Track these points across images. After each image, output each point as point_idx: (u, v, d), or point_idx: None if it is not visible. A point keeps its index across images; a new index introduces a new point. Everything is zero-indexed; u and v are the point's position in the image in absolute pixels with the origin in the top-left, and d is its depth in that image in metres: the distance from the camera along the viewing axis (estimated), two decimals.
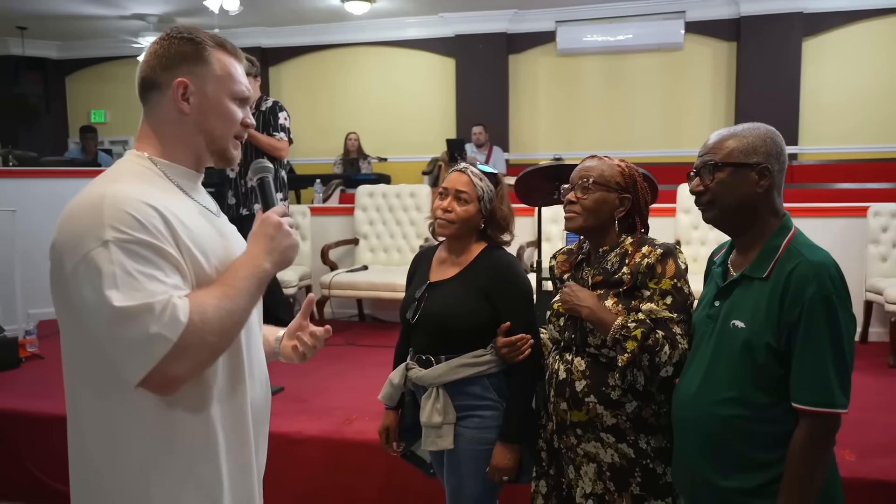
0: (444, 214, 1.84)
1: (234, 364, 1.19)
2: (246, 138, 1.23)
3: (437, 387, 1.83)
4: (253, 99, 3.84)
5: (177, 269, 1.07)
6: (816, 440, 1.31)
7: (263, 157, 1.22)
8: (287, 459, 2.81)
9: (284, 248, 1.19)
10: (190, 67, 1.19)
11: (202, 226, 1.17)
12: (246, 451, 1.21)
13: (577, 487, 1.69)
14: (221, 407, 1.16)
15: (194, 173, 1.24)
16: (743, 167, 1.41)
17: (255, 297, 1.15)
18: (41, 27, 8.63)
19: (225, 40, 1.26)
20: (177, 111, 1.19)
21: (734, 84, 7.72)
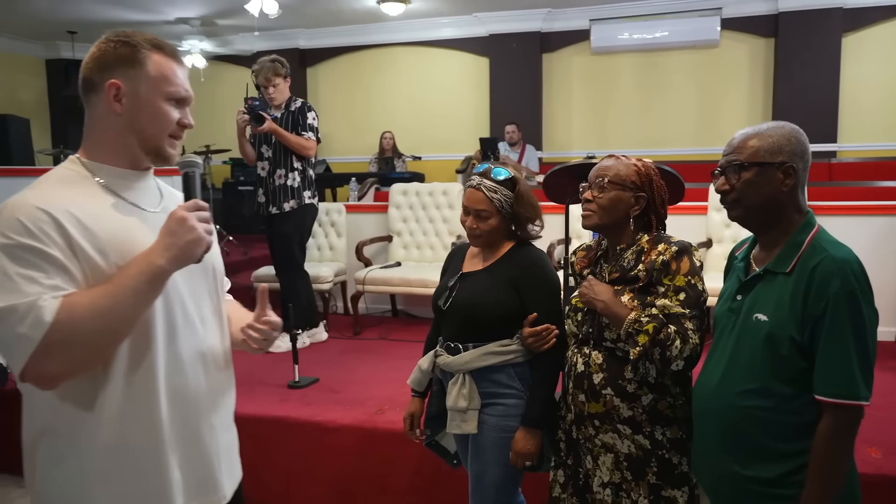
0: (471, 231, 1.95)
1: (142, 356, 1.21)
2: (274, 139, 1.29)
3: (464, 373, 1.92)
4: (282, 99, 4.01)
5: (62, 270, 1.12)
6: (840, 432, 1.33)
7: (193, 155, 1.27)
8: (321, 447, 2.93)
9: (185, 244, 1.18)
10: (124, 70, 1.24)
11: (111, 226, 1.20)
12: (155, 440, 1.23)
13: (595, 477, 1.74)
14: (119, 400, 1.19)
15: (129, 172, 1.28)
16: (768, 166, 1.43)
17: (145, 294, 1.16)
18: (90, 32, 8.96)
19: (165, 43, 1.29)
20: (110, 112, 1.24)
21: (771, 81, 7.61)
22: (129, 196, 1.28)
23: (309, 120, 4.00)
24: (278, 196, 4.01)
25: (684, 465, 1.67)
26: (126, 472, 1.22)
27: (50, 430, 1.21)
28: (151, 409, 1.23)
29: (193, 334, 1.31)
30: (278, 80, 3.98)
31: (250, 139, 4.11)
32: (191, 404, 1.30)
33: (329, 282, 4.67)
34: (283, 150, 3.99)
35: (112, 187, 1.26)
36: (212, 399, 1.35)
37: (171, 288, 1.25)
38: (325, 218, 5.07)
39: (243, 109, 3.92)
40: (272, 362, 3.81)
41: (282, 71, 3.99)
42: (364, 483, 2.88)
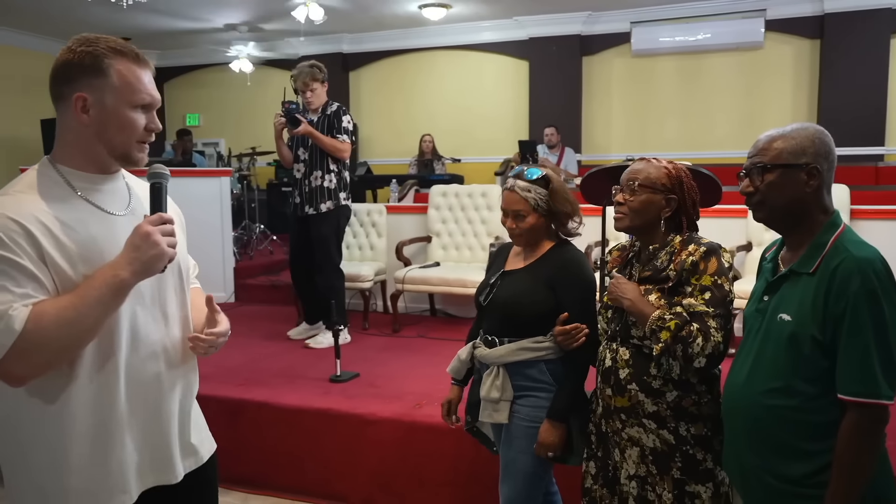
0: (511, 232, 2.05)
1: (105, 354, 1.30)
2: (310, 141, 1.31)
3: (499, 366, 2.01)
4: (319, 103, 4.16)
5: (32, 279, 1.19)
6: (863, 430, 1.34)
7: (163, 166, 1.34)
8: (361, 439, 3.04)
9: (148, 259, 1.24)
10: (89, 80, 1.27)
11: (84, 232, 1.26)
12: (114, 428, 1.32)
13: (622, 469, 1.79)
14: (82, 393, 1.28)
15: (98, 176, 1.34)
16: (792, 168, 1.44)
17: (108, 305, 1.23)
18: (144, 38, 9.29)
19: (128, 48, 1.32)
20: (78, 122, 1.29)
21: (817, 83, 7.48)
22: (98, 200, 1.33)
23: (344, 123, 4.13)
24: (315, 197, 4.14)
25: (709, 462, 1.70)
26: (91, 457, 1.31)
27: (16, 421, 1.29)
28: (112, 401, 1.32)
29: (157, 331, 1.39)
30: (315, 85, 4.12)
31: (288, 142, 4.25)
32: (150, 394, 1.39)
33: (369, 281, 4.79)
34: (320, 152, 4.13)
35: (81, 192, 1.31)
36: (171, 388, 1.43)
37: (137, 290, 1.31)
38: (366, 218, 5.20)
39: (280, 113, 4.07)
40: (315, 357, 3.95)
41: (319, 76, 4.13)
42: (402, 474, 2.97)
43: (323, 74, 4.16)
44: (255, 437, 3.21)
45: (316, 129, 4.07)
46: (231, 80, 9.63)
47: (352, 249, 5.23)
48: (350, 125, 4.17)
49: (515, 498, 2.01)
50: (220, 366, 3.78)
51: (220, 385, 3.42)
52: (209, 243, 5.66)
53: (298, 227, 4.29)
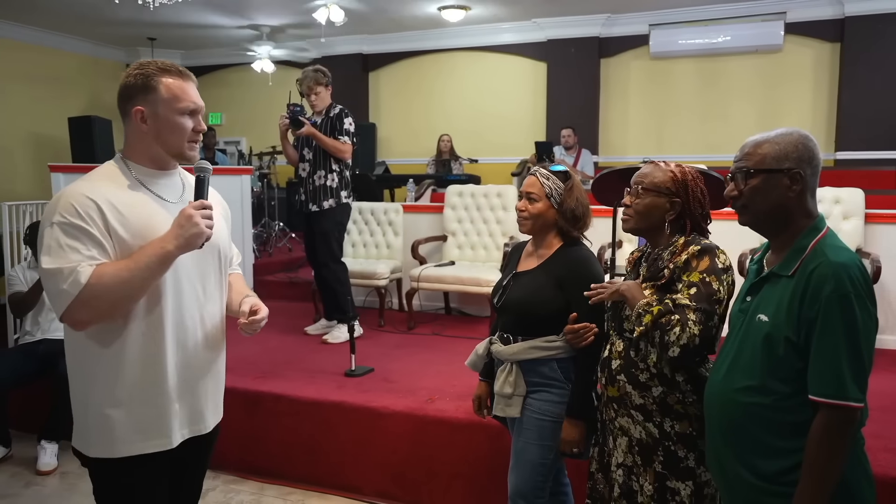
0: (519, 213, 2.13)
1: (154, 314, 1.58)
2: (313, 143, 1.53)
3: (512, 362, 2.08)
4: (323, 106, 4.36)
5: (98, 245, 1.49)
6: (832, 431, 1.36)
7: (207, 162, 1.65)
8: (374, 431, 3.12)
9: (189, 236, 1.53)
10: (144, 96, 1.59)
11: (142, 213, 1.56)
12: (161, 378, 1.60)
13: (613, 457, 1.86)
14: (135, 345, 1.56)
15: (158, 171, 1.65)
16: (775, 173, 1.47)
17: (155, 270, 1.51)
18: (168, 38, 9.46)
19: (173, 66, 1.63)
20: (139, 129, 1.60)
21: (836, 87, 7.44)
22: (156, 189, 1.63)
23: (346, 125, 4.31)
24: (318, 195, 4.32)
25: (691, 460, 1.73)
26: (137, 400, 1.58)
27: (82, 359, 1.59)
28: (159, 354, 1.60)
29: (196, 301, 1.67)
30: (319, 89, 4.32)
31: (294, 143, 4.45)
32: (189, 354, 1.66)
33: (385, 278, 4.87)
34: (323, 153, 4.32)
35: (143, 182, 1.62)
36: (207, 353, 1.71)
37: (182, 265, 1.60)
38: (382, 217, 5.28)
39: (285, 115, 4.28)
40: (330, 352, 4.04)
41: (323, 80, 4.32)
42: (413, 466, 3.05)
43: (327, 79, 4.35)
44: (271, 429, 3.30)
45: (319, 130, 4.26)
46: (253, 79, 9.77)
47: (368, 247, 5.31)
48: (351, 127, 4.34)
49: (523, 486, 2.08)
50: (239, 359, 3.88)
51: (239, 377, 3.52)
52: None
53: (307, 225, 4.46)
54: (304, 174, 4.38)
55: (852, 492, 1.42)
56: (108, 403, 1.57)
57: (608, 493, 1.88)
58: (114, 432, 1.57)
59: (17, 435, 3.68)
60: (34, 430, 3.60)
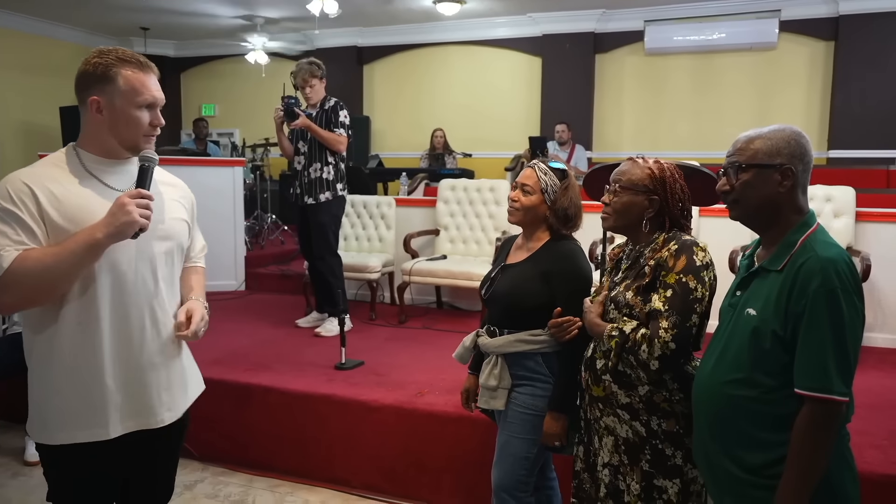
0: (511, 204, 2.12)
1: (89, 301, 1.55)
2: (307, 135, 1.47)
3: (497, 355, 2.08)
4: (317, 98, 4.33)
5: (27, 230, 1.48)
6: (816, 424, 1.37)
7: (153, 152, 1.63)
8: (364, 425, 3.11)
9: (120, 224, 1.49)
10: (101, 86, 1.54)
11: (79, 200, 1.53)
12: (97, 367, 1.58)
13: (598, 456, 1.84)
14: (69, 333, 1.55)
15: (110, 160, 1.61)
16: (766, 168, 1.47)
17: (83, 258, 1.48)
18: (161, 28, 9.40)
19: (134, 57, 1.58)
20: (95, 119, 1.57)
21: (830, 85, 7.47)
22: (106, 179, 1.60)
23: (341, 118, 4.29)
24: (314, 188, 4.31)
25: (678, 458, 1.72)
26: (73, 388, 1.57)
27: (28, 352, 1.60)
28: (95, 344, 1.57)
29: (144, 291, 1.63)
30: (314, 81, 4.30)
31: (289, 135, 4.43)
32: (135, 345, 1.62)
33: (377, 272, 4.86)
34: (318, 145, 4.30)
35: (93, 172, 1.59)
36: (157, 345, 1.66)
37: (125, 253, 1.58)
38: (375, 210, 5.27)
39: (280, 107, 4.26)
40: (321, 345, 4.03)
41: (317, 73, 4.31)
42: (403, 460, 3.04)
43: (321, 71, 4.34)
44: (261, 421, 3.29)
45: (315, 123, 4.24)
46: (246, 71, 9.72)
47: (360, 241, 5.30)
48: (347, 120, 4.33)
49: (506, 480, 2.08)
50: (229, 351, 3.88)
51: (229, 370, 3.51)
52: (221, 232, 5.75)
53: (301, 218, 4.44)
54: (299, 167, 4.37)
55: (835, 487, 1.43)
56: (45, 389, 1.58)
57: (594, 492, 1.87)
58: (50, 419, 1.58)
59: (4, 426, 3.67)
60: (21, 421, 3.57)
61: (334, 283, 4.34)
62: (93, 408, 1.58)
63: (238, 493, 3.09)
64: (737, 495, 1.51)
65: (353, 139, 8.58)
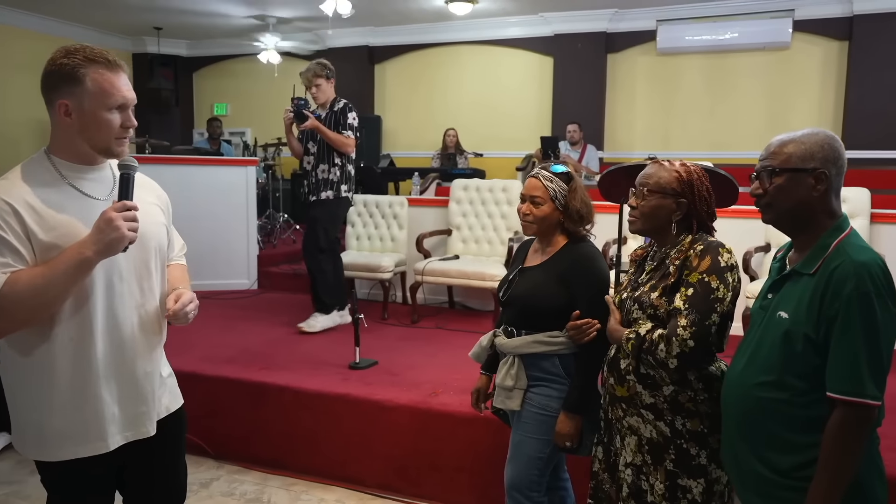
0: (524, 217, 2.13)
1: (82, 317, 1.52)
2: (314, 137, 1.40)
3: (515, 356, 2.09)
4: (325, 99, 4.34)
5: (14, 252, 1.42)
6: (848, 428, 1.37)
7: (132, 158, 1.56)
8: (378, 424, 3.13)
9: (109, 241, 1.44)
10: (69, 88, 1.48)
11: (61, 214, 1.48)
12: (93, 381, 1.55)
13: (621, 456, 1.85)
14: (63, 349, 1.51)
15: (85, 166, 1.56)
16: (800, 172, 1.48)
17: (73, 276, 1.44)
18: (174, 28, 9.46)
19: (101, 56, 1.50)
20: (64, 122, 1.51)
21: (844, 85, 7.41)
22: (82, 186, 1.54)
23: (349, 120, 4.32)
24: (318, 186, 4.38)
25: (702, 458, 1.72)
26: (71, 406, 1.54)
27: (10, 368, 1.56)
28: (90, 360, 1.54)
29: (132, 301, 1.61)
30: (321, 81, 4.32)
31: (299, 136, 4.47)
32: (127, 355, 1.60)
33: (389, 271, 4.88)
34: (327, 146, 4.35)
35: (68, 179, 1.54)
36: (147, 351, 1.65)
37: (114, 265, 1.54)
38: (387, 210, 5.29)
39: (290, 108, 4.29)
40: (334, 344, 4.05)
41: (323, 73, 4.34)
42: (417, 459, 3.06)
43: (328, 71, 4.37)
44: (275, 420, 3.32)
45: (323, 124, 4.28)
46: (259, 70, 9.76)
47: (373, 240, 5.32)
48: (355, 122, 4.36)
49: (518, 479, 2.09)
50: (242, 350, 3.91)
51: (243, 369, 3.54)
52: (234, 231, 5.79)
53: (309, 211, 4.52)
54: (308, 167, 4.42)
55: (865, 489, 1.43)
56: (38, 410, 1.53)
57: (615, 493, 1.87)
58: (45, 437, 1.54)
59: None
60: None
61: (320, 280, 4.41)
62: (91, 422, 1.56)
63: (253, 492, 3.12)
64: (765, 496, 1.52)
65: (365, 139, 8.59)
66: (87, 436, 1.56)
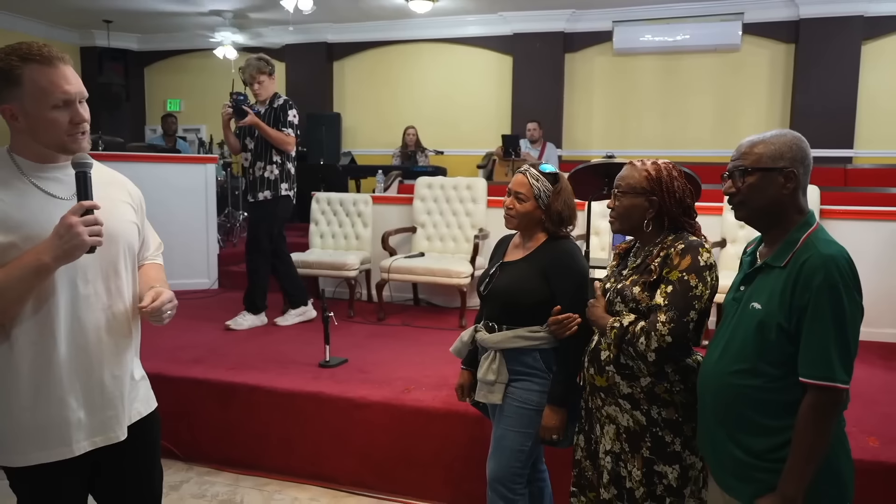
0: (507, 211, 2.17)
1: (43, 320, 1.48)
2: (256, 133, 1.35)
3: (496, 350, 2.13)
4: (266, 95, 4.31)
5: None
6: (819, 410, 1.45)
7: (86, 155, 1.51)
8: (351, 422, 3.13)
9: (68, 247, 1.40)
10: (9, 91, 1.43)
11: (22, 215, 1.44)
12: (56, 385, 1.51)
13: (601, 444, 1.92)
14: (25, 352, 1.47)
15: (47, 165, 1.51)
16: (771, 171, 1.56)
17: (30, 282, 1.41)
18: (124, 21, 9.20)
19: (35, 52, 1.43)
20: (13, 126, 1.47)
21: (791, 86, 7.72)
22: (46, 185, 1.50)
23: (289, 117, 4.31)
24: (255, 186, 4.35)
25: (677, 445, 1.80)
26: (32, 409, 1.50)
27: None
28: (52, 361, 1.50)
29: (98, 303, 1.55)
30: (263, 77, 4.29)
31: (236, 131, 4.42)
32: (93, 358, 1.55)
33: (355, 269, 4.86)
34: (265, 143, 4.31)
35: (33, 180, 1.49)
36: (116, 355, 1.60)
37: (79, 267, 1.49)
38: (352, 208, 5.27)
39: (228, 103, 4.23)
40: (301, 343, 4.03)
41: (266, 69, 4.32)
42: (391, 456, 3.07)
43: (270, 67, 4.36)
44: (246, 420, 3.28)
45: (263, 120, 4.24)
46: (214, 66, 9.58)
47: (337, 238, 5.29)
48: (296, 119, 4.34)
49: (501, 472, 2.13)
50: (208, 350, 3.85)
51: (211, 369, 3.49)
52: (194, 230, 5.68)
53: (250, 213, 4.54)
54: (246, 164, 4.39)
55: (833, 467, 1.52)
56: (2, 414, 1.49)
57: (597, 479, 1.93)
58: (8, 442, 1.50)
59: None
60: None
61: (254, 280, 4.40)
62: (55, 427, 1.51)
63: (225, 493, 3.08)
64: (741, 478, 1.59)
65: (324, 136, 8.52)
66: (52, 441, 1.52)
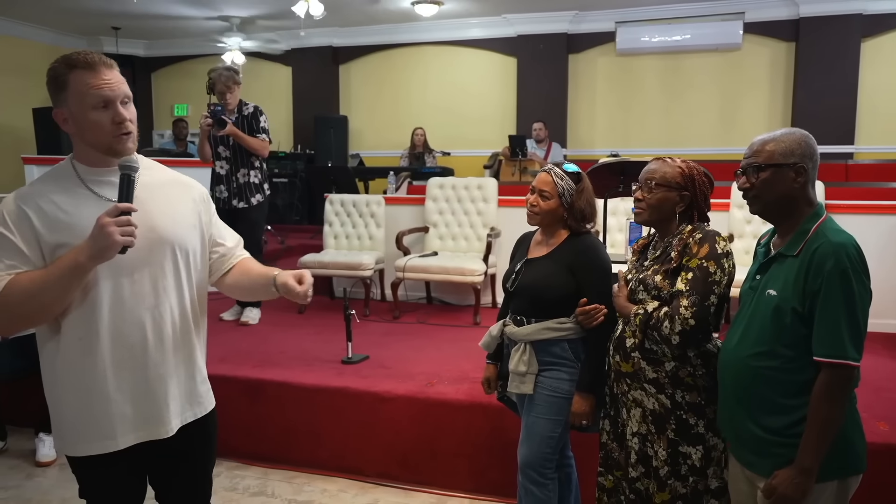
0: (531, 208, 2.28)
1: (87, 318, 1.55)
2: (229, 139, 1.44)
3: (526, 343, 2.24)
4: (235, 104, 4.50)
5: (19, 254, 1.48)
6: (833, 387, 1.57)
7: (133, 158, 1.57)
8: (377, 415, 3.24)
9: (101, 247, 1.44)
10: (60, 96, 1.52)
11: (73, 217, 1.52)
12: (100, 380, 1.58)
13: (628, 427, 2.03)
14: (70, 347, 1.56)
15: (102, 169, 1.58)
16: (782, 167, 1.68)
17: (69, 282, 1.47)
18: (132, 27, 9.30)
19: (77, 58, 1.51)
20: (68, 131, 1.56)
21: (791, 84, 7.83)
22: (100, 189, 1.57)
23: (262, 123, 4.53)
24: (244, 192, 4.57)
25: (700, 427, 1.91)
26: (79, 401, 1.58)
27: (43, 367, 1.63)
28: (96, 357, 1.56)
29: (146, 301, 1.60)
30: (235, 88, 4.52)
31: (209, 140, 4.60)
32: (136, 356, 1.60)
33: (370, 269, 4.96)
34: (242, 151, 4.52)
35: (89, 184, 1.57)
36: (162, 352, 1.64)
37: (125, 266, 1.55)
38: (365, 209, 5.37)
39: (206, 114, 4.41)
40: (321, 342, 4.13)
41: (238, 79, 4.60)
42: (416, 447, 3.18)
43: (239, 77, 4.59)
44: (275, 415, 3.39)
45: (237, 128, 4.44)
46: None
47: (350, 239, 5.40)
48: (267, 124, 4.57)
49: (532, 457, 2.24)
50: (232, 349, 3.95)
51: (238, 366, 3.59)
52: None
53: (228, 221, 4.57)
54: (223, 172, 4.56)
55: (847, 440, 1.65)
56: (55, 402, 1.61)
57: (624, 459, 2.05)
58: (65, 431, 1.61)
59: (13, 429, 3.69)
60: (29, 424, 3.61)
61: None
62: (99, 420, 1.58)
63: (256, 485, 3.19)
64: (760, 453, 1.71)
65: (332, 139, 8.64)
66: (97, 433, 1.59)
